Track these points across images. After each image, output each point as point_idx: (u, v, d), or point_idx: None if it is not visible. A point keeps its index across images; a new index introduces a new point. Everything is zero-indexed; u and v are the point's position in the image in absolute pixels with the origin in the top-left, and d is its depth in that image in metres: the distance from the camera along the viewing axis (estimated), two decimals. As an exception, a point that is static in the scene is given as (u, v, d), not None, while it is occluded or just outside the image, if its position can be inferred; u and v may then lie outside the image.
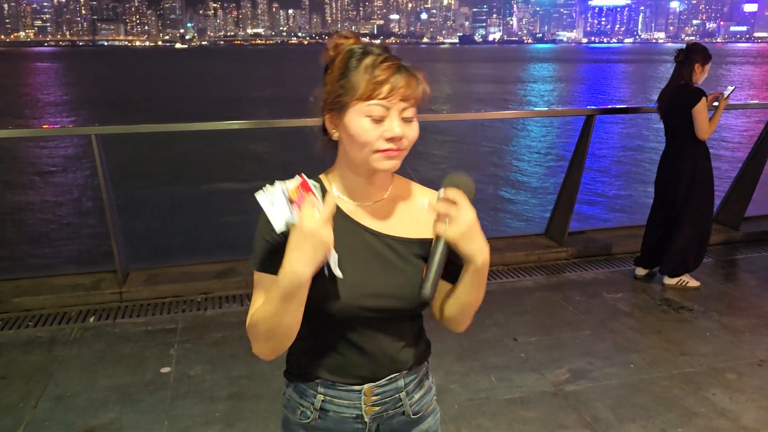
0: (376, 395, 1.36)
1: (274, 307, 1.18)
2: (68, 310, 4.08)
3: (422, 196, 1.38)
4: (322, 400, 1.37)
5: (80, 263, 7.46)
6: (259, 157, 14.61)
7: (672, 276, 4.50)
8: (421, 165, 13.80)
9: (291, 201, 1.14)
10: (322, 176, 1.36)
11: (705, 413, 2.99)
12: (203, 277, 4.42)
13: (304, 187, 1.15)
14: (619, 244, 5.21)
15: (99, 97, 33.61)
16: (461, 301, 1.35)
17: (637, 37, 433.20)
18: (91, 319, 3.96)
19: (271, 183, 1.17)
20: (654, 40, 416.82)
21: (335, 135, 1.28)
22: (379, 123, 1.21)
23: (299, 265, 1.13)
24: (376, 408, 1.37)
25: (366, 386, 1.34)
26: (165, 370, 3.35)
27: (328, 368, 1.35)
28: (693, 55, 4.25)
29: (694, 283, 4.50)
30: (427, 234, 1.31)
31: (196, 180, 11.34)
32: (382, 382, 1.35)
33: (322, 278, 1.23)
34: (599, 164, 14.21)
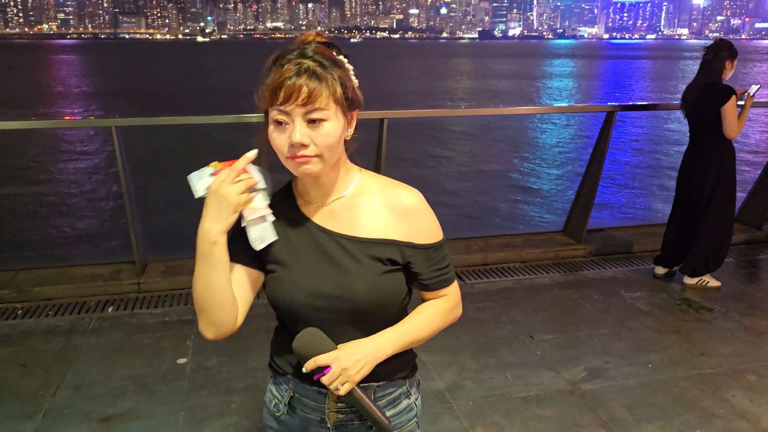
0: (341, 402, 1.35)
1: (196, 272, 1.25)
2: (87, 299, 4.13)
3: (386, 194, 1.34)
4: (291, 397, 1.39)
5: (99, 254, 7.54)
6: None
7: (693, 276, 4.44)
8: (437, 160, 13.77)
9: (214, 174, 1.23)
10: (293, 181, 1.38)
11: (724, 415, 2.95)
12: (220, 269, 4.43)
13: (229, 163, 1.22)
14: (638, 242, 5.15)
15: (120, 89, 33.92)
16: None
17: (660, 33, 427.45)
18: (110, 309, 4.00)
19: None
20: (677, 37, 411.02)
21: None
22: (284, 129, 1.19)
23: (208, 222, 1.21)
24: (340, 416, 1.36)
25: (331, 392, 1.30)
26: (182, 360, 3.37)
27: (294, 365, 1.35)
28: (722, 51, 4.17)
29: (714, 283, 4.43)
30: (383, 234, 1.30)
31: (214, 172, 11.42)
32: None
33: (273, 273, 1.30)
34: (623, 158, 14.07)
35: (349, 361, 1.25)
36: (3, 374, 3.22)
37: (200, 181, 1.24)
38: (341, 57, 1.27)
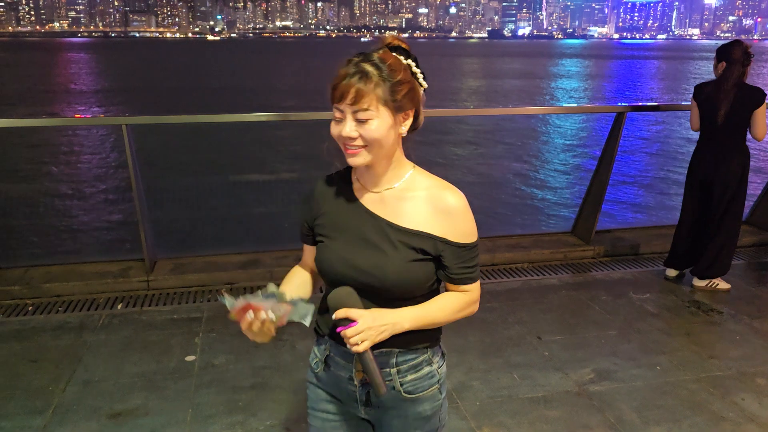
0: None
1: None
2: (97, 296, 4.16)
3: (431, 193, 1.48)
4: (327, 356, 1.58)
5: (109, 251, 7.58)
6: (287, 149, 14.69)
7: (703, 278, 4.41)
8: (445, 160, 13.75)
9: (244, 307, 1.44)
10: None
11: (733, 418, 2.93)
12: (229, 267, 4.46)
13: (243, 309, 1.42)
14: (647, 243, 5.12)
15: (130, 87, 34.09)
16: None
17: (671, 33, 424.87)
18: (119, 306, 4.02)
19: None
20: (688, 37, 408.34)
21: None
22: (339, 123, 1.39)
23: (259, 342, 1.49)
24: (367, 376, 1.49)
25: None
26: (190, 358, 3.39)
27: (331, 328, 1.51)
28: (742, 54, 4.12)
29: (724, 285, 4.41)
30: (422, 227, 1.45)
31: (223, 171, 11.46)
32: (374, 352, 1.44)
33: (321, 243, 1.52)
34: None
35: (374, 323, 1.38)
36: (14, 369, 3.25)
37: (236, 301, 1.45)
38: (409, 61, 1.44)
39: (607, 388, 3.16)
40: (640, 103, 23.30)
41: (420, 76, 1.46)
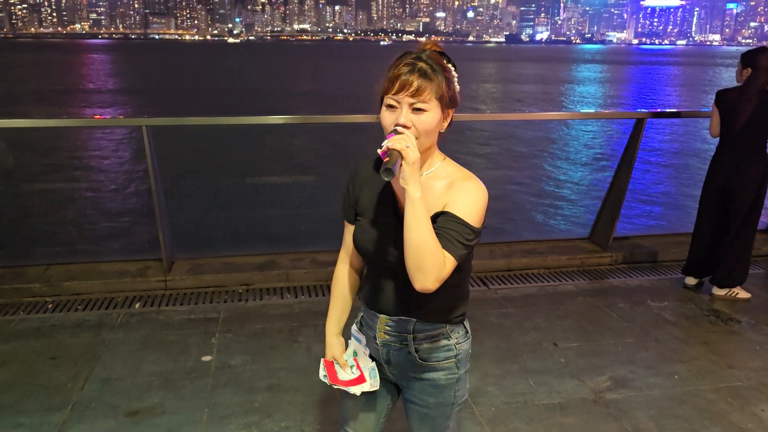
0: (388, 326, 1.71)
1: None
2: (115, 295, 4.20)
3: (452, 180, 1.59)
4: (362, 317, 1.82)
5: (127, 251, 7.65)
6: (304, 152, 14.75)
7: (722, 286, 4.36)
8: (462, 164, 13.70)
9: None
10: None
11: (752, 429, 2.89)
12: (245, 268, 4.49)
13: (330, 370, 1.87)
14: (665, 251, 5.08)
15: (151, 88, 34.43)
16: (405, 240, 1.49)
17: (691, 38, 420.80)
18: (137, 306, 4.06)
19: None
20: (708, 43, 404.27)
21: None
22: (393, 112, 1.51)
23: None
24: (387, 337, 1.72)
25: (382, 316, 1.71)
26: (206, 358, 3.41)
27: (365, 294, 1.78)
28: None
29: (744, 294, 4.35)
30: (436, 209, 1.55)
31: (240, 172, 11.53)
32: (394, 318, 1.69)
33: (358, 222, 1.70)
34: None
35: (411, 143, 1.42)
36: (34, 366, 3.30)
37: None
38: (449, 65, 1.58)
39: (624, 396, 3.14)
40: (660, 110, 23.11)
41: (456, 78, 1.59)
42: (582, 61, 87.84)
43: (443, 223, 1.52)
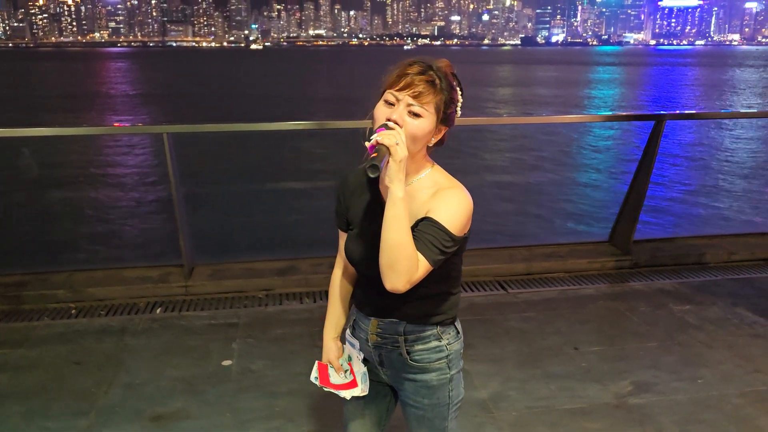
0: (379, 329, 1.74)
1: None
2: (137, 301, 4.25)
3: (437, 188, 1.59)
4: (354, 320, 1.83)
5: (149, 257, 7.74)
6: (322, 157, 14.82)
7: None
8: (481, 167, 13.67)
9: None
10: None
11: (780, 435, 2.85)
12: (265, 274, 4.51)
13: (324, 373, 1.98)
14: (685, 254, 5.02)
15: (170, 93, 34.82)
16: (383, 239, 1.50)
17: (710, 39, 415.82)
18: (159, 311, 4.10)
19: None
20: (727, 43, 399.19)
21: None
22: (389, 107, 1.51)
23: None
24: (378, 339, 1.74)
25: (373, 318, 1.74)
26: (227, 363, 3.44)
27: (356, 298, 1.82)
28: None
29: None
30: (420, 216, 1.56)
31: (260, 178, 11.62)
32: (385, 320, 1.72)
33: (349, 231, 1.72)
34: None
35: (401, 141, 1.44)
36: (59, 371, 3.34)
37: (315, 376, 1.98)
38: (458, 87, 1.59)
39: (648, 401, 3.11)
40: (678, 111, 22.84)
41: (460, 103, 1.61)
42: (600, 63, 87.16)
43: (423, 227, 1.53)
